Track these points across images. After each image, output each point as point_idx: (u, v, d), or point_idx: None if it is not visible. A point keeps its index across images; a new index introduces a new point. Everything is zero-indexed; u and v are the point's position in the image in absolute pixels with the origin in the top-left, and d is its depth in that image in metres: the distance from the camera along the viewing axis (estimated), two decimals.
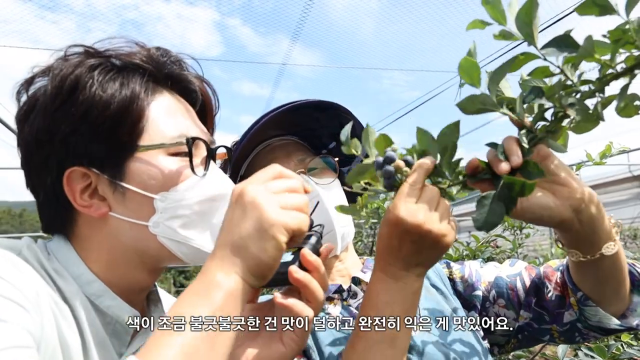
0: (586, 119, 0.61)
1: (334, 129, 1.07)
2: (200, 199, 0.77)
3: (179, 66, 0.84)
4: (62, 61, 0.75)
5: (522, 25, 0.58)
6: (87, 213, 0.75)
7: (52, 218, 0.78)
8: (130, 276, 0.78)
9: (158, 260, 0.80)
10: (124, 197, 0.74)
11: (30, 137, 0.74)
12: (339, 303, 1.01)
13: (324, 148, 1.15)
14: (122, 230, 0.75)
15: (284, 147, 1.07)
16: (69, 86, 0.72)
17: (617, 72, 0.55)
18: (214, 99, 0.90)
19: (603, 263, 0.79)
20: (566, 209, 0.72)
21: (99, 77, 0.73)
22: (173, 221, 0.75)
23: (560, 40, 0.55)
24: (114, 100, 0.73)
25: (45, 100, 0.73)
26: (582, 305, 0.90)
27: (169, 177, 0.74)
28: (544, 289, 0.98)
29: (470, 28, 0.62)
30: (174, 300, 0.99)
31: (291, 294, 0.70)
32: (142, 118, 0.74)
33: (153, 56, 0.79)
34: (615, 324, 0.87)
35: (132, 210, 0.75)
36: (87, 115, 0.72)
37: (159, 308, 0.89)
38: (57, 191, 0.74)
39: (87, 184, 0.74)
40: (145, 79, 0.77)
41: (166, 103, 0.79)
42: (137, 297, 0.83)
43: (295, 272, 0.67)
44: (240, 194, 0.63)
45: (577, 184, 0.72)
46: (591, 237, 0.77)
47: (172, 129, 0.76)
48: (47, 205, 0.78)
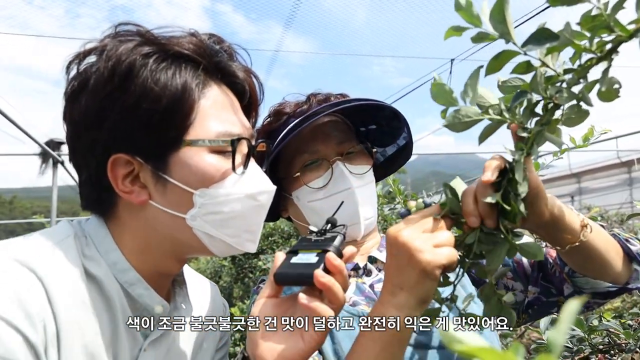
0: (577, 112, 0.62)
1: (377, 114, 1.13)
2: (238, 196, 0.78)
3: (230, 56, 0.85)
4: (116, 42, 0.75)
5: (497, 24, 0.58)
6: (127, 199, 0.76)
7: (92, 198, 0.80)
8: (161, 263, 0.81)
9: (190, 251, 0.82)
10: (165, 188, 0.76)
11: (79, 118, 0.75)
12: (354, 281, 1.05)
13: (364, 126, 1.18)
14: (160, 219, 0.77)
15: (323, 127, 1.07)
16: (122, 72, 0.72)
17: (598, 56, 0.55)
18: (259, 92, 0.91)
19: (577, 252, 0.85)
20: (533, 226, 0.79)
21: (153, 65, 0.73)
22: (210, 216, 0.77)
23: (538, 34, 0.56)
24: (166, 93, 0.73)
25: (96, 83, 0.73)
26: (572, 278, 0.96)
27: (209, 174, 0.76)
28: (547, 264, 1.03)
29: (448, 37, 0.62)
30: (197, 277, 1.04)
31: (313, 294, 0.71)
32: (191, 114, 0.75)
33: (205, 45, 0.80)
34: (605, 285, 0.93)
35: (171, 201, 0.76)
36: (138, 105, 0.72)
37: (184, 291, 0.91)
38: (99, 173, 0.75)
39: (130, 171, 0.75)
40: (197, 72, 0.77)
41: (214, 98, 0.79)
42: (164, 281, 0.86)
43: (322, 277, 0.69)
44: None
45: (546, 210, 0.77)
46: (554, 238, 0.84)
47: (218, 125, 0.77)
48: (88, 185, 0.79)
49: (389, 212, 2.31)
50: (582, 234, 0.83)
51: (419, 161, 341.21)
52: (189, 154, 0.75)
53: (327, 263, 0.71)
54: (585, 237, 0.83)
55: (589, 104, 0.60)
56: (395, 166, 1.27)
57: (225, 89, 0.83)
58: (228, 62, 0.83)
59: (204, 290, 1.03)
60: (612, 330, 1.33)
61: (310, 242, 0.78)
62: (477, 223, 0.70)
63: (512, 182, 0.68)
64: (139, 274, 0.78)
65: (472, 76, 0.64)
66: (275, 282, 0.75)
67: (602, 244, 0.87)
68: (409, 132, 1.16)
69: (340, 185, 1.03)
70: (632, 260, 0.91)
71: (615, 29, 0.52)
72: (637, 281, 0.92)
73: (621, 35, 0.53)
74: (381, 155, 1.26)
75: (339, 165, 1.04)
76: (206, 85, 0.78)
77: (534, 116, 0.65)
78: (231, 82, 0.84)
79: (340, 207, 0.95)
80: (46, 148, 7.90)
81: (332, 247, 0.74)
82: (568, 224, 0.82)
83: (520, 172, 0.66)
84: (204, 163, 0.75)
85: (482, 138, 0.68)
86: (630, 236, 0.94)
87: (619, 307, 2.03)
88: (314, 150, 1.05)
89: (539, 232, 0.84)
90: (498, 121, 0.66)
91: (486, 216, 0.70)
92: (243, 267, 7.06)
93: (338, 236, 0.78)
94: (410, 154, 1.22)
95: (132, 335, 0.78)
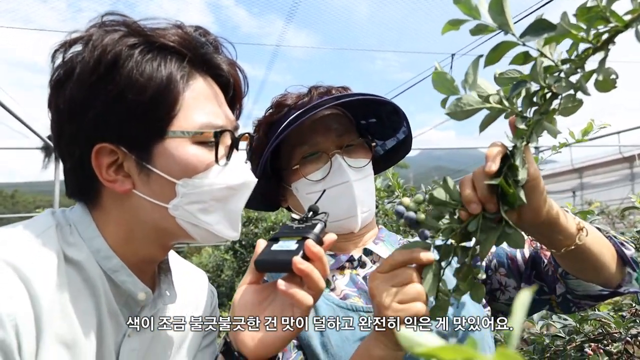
0: (572, 102, 0.63)
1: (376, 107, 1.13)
2: (220, 187, 0.79)
3: (215, 48, 0.85)
4: (102, 32, 0.75)
5: (495, 15, 0.59)
6: (111, 188, 0.77)
7: (76, 186, 0.81)
8: (144, 250, 0.82)
9: (173, 238, 0.84)
10: (148, 178, 0.77)
11: (63, 106, 0.75)
12: (348, 273, 1.07)
13: (364, 119, 1.19)
14: (143, 208, 0.78)
15: (324, 120, 1.08)
16: (108, 62, 0.73)
17: (595, 46, 0.56)
18: (243, 84, 0.92)
19: (572, 255, 0.84)
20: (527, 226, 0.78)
21: (138, 57, 0.74)
22: (192, 206, 0.78)
23: (536, 25, 0.57)
24: (151, 84, 0.74)
25: (82, 72, 0.73)
26: (564, 279, 0.95)
27: (192, 165, 0.77)
28: (540, 262, 1.03)
29: (445, 32, 0.63)
30: (183, 263, 1.05)
31: (293, 280, 0.73)
32: (176, 105, 0.76)
33: (191, 38, 0.80)
34: (597, 289, 0.93)
35: (154, 191, 0.77)
36: (122, 96, 0.73)
37: (168, 278, 0.92)
38: (84, 162, 0.76)
39: (114, 160, 0.76)
40: (182, 64, 0.78)
41: (199, 90, 0.80)
42: (148, 268, 0.87)
43: (300, 264, 0.71)
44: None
45: (543, 208, 0.75)
46: (550, 240, 0.83)
47: (202, 117, 0.78)
48: (72, 173, 0.80)
49: (390, 206, 2.31)
50: (577, 237, 0.82)
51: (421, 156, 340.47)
52: (172, 144, 0.76)
53: (306, 250, 0.72)
54: (581, 240, 0.82)
55: (586, 93, 0.61)
56: (395, 159, 1.28)
57: (210, 81, 0.84)
58: (213, 55, 0.84)
59: (190, 277, 1.03)
60: (604, 320, 1.34)
61: (291, 230, 0.80)
62: (479, 209, 0.71)
63: (512, 168, 0.69)
64: (123, 261, 0.79)
65: (473, 64, 0.64)
66: (256, 269, 0.77)
67: (597, 247, 0.86)
68: (408, 127, 1.17)
69: (338, 179, 1.04)
70: (626, 263, 0.92)
71: (611, 20, 0.53)
72: (629, 284, 0.92)
73: (617, 25, 0.53)
74: (381, 148, 1.26)
75: (337, 158, 1.04)
76: (191, 77, 0.79)
77: (533, 106, 0.66)
78: (216, 74, 0.85)
79: (332, 191, 0.97)
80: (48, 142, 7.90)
81: (311, 235, 0.75)
82: (564, 226, 0.81)
83: (520, 158, 0.67)
84: (187, 154, 0.76)
85: (482, 126, 0.69)
86: (625, 239, 0.94)
87: (618, 301, 2.04)
88: (314, 143, 1.06)
89: (535, 233, 0.84)
90: (498, 110, 0.67)
91: (487, 201, 0.70)
92: (245, 261, 7.08)
93: (319, 224, 0.79)
94: (409, 148, 1.23)
95: (116, 320, 0.80)
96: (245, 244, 7.05)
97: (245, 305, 0.78)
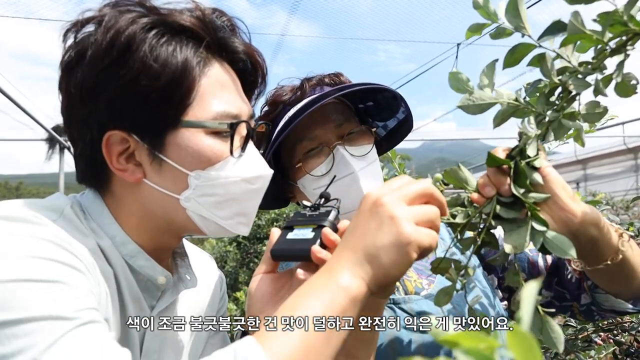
0: (596, 109, 0.64)
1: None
2: (234, 180, 0.77)
3: (232, 31, 0.83)
4: (115, 12, 0.72)
5: (512, 19, 0.61)
6: (121, 176, 0.75)
7: (87, 171, 0.79)
8: (157, 239, 0.81)
9: (183, 230, 0.82)
10: (160, 167, 0.75)
11: (74, 90, 0.73)
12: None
13: (362, 103, 1.16)
14: (154, 198, 0.77)
15: (321, 110, 1.03)
16: (121, 46, 0.70)
17: (612, 48, 0.57)
18: (262, 69, 0.88)
19: (609, 269, 0.79)
20: (562, 233, 0.69)
21: (153, 40, 0.71)
22: (204, 198, 0.76)
23: (553, 26, 0.58)
24: (165, 71, 0.71)
25: (94, 55, 0.71)
26: (593, 292, 0.93)
27: (206, 157, 0.74)
28: (564, 269, 1.00)
29: (469, 37, 0.64)
30: (195, 249, 1.05)
31: (309, 268, 0.71)
32: (191, 93, 0.73)
33: (209, 20, 0.77)
34: (628, 307, 0.89)
35: (166, 181, 0.75)
36: (136, 81, 0.70)
37: (186, 262, 0.92)
38: (94, 148, 0.74)
39: (125, 148, 0.74)
40: (199, 49, 0.75)
41: (215, 77, 0.77)
42: (164, 254, 0.86)
43: (319, 252, 0.69)
44: (375, 204, 0.63)
45: (577, 206, 0.71)
46: (592, 254, 0.77)
47: (218, 106, 0.75)
48: (83, 158, 0.78)
49: None
50: (620, 242, 0.77)
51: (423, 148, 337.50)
52: (186, 134, 0.74)
53: (324, 238, 0.71)
54: (624, 247, 0.77)
55: (602, 94, 0.61)
56: (398, 138, 1.24)
57: (227, 67, 0.81)
58: (231, 38, 0.81)
59: (200, 261, 1.03)
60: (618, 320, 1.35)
61: (305, 217, 0.78)
62: (493, 192, 0.71)
63: (523, 151, 0.69)
64: (142, 251, 0.79)
65: (489, 68, 0.66)
66: (272, 258, 0.75)
67: (634, 265, 0.81)
68: (407, 107, 1.15)
69: (343, 170, 1.02)
70: None
71: (629, 24, 0.54)
72: None
73: (635, 29, 0.54)
74: (382, 129, 1.24)
75: (339, 149, 1.02)
76: (207, 64, 0.76)
77: (550, 105, 0.66)
78: (233, 59, 0.82)
79: (338, 184, 0.96)
80: (53, 133, 7.92)
81: (327, 222, 0.74)
82: (609, 241, 0.75)
83: (534, 145, 0.68)
84: (201, 145, 0.74)
85: (496, 121, 0.70)
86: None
87: None
88: (313, 136, 1.04)
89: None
90: (514, 107, 0.68)
91: (499, 183, 0.70)
92: (248, 252, 7.12)
93: (332, 210, 0.77)
94: (411, 126, 1.19)
95: (139, 305, 0.80)
96: (249, 236, 7.06)
97: (262, 295, 0.75)
